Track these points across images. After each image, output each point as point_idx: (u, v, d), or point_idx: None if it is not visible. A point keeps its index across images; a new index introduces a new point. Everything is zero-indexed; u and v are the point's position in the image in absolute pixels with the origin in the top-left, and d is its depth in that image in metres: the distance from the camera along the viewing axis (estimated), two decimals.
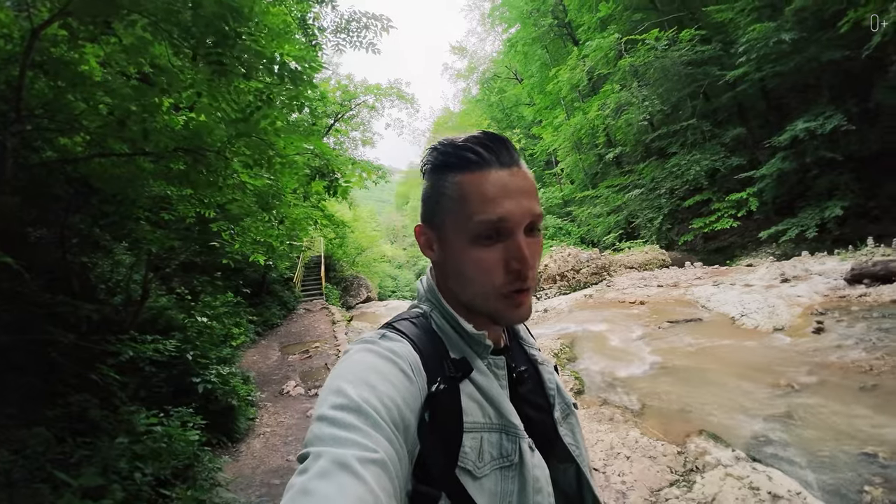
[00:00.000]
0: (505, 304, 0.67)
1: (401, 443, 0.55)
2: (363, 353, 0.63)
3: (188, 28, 2.23)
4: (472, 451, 0.63)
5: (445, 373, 0.66)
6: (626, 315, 8.54)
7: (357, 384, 0.56)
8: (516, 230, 0.65)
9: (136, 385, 4.28)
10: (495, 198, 0.64)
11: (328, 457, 0.47)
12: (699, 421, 4.02)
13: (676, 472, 3.17)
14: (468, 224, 0.65)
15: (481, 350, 0.72)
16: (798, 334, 5.73)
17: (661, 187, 15.68)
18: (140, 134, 2.43)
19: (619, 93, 16.77)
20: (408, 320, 0.73)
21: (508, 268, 0.65)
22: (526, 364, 0.82)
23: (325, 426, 0.51)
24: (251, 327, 9.99)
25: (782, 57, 11.53)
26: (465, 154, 0.67)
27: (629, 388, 5.17)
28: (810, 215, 11.26)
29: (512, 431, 0.68)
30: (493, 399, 0.69)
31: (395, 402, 0.56)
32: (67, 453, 2.60)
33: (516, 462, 0.66)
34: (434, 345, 0.69)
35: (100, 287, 5.21)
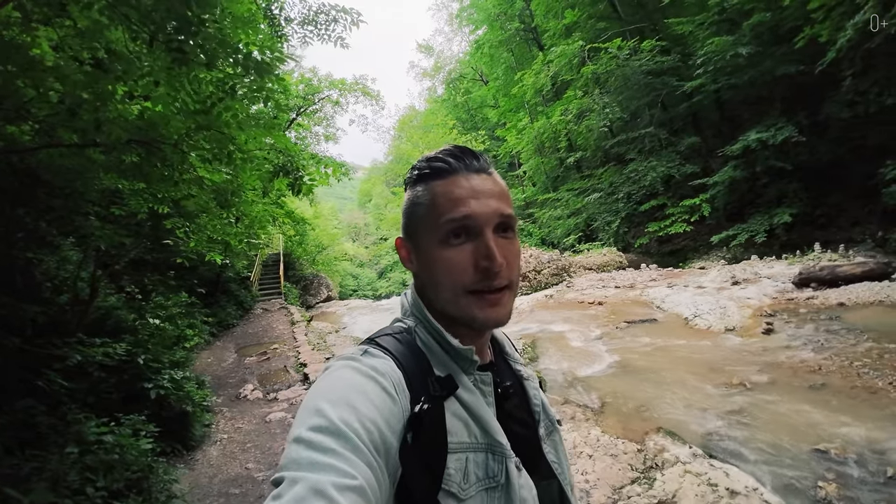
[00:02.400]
0: (476, 303, 0.66)
1: (381, 467, 0.53)
2: (344, 369, 0.61)
3: (148, 12, 2.10)
4: (457, 472, 0.61)
5: (430, 391, 0.64)
6: (586, 315, 8.75)
7: (337, 404, 0.54)
8: (484, 229, 0.66)
9: (84, 391, 4.03)
10: (462, 198, 0.66)
11: (305, 483, 0.45)
12: (657, 419, 4.16)
13: (637, 469, 3.26)
14: (437, 225, 0.67)
15: (467, 366, 0.71)
16: (749, 335, 6.03)
17: (619, 192, 16.23)
18: (92, 124, 2.26)
19: (582, 99, 17.22)
20: (391, 335, 0.71)
21: (477, 266, 0.65)
22: (511, 379, 0.81)
23: (303, 449, 0.49)
24: (206, 328, 9.61)
25: (738, 70, 12.10)
26: (435, 164, 0.70)
27: (589, 387, 5.29)
28: (760, 221, 11.88)
29: (498, 451, 0.66)
30: (480, 417, 0.67)
31: (376, 423, 0.55)
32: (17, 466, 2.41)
33: (503, 483, 0.65)
34: (418, 362, 0.68)
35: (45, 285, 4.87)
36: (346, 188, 56.74)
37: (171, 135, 2.60)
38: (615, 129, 17.14)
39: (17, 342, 2.96)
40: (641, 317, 7.79)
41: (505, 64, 24.42)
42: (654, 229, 14.45)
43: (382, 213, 36.16)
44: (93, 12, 2.12)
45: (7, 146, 2.69)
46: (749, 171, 12.29)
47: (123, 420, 3.73)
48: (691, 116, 15.41)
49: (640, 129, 15.59)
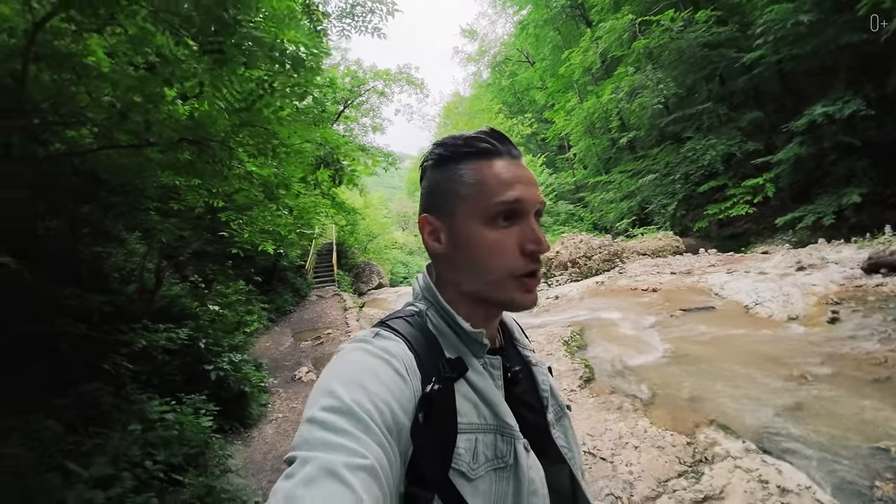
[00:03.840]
0: (518, 287, 0.69)
1: (393, 446, 0.54)
2: (357, 352, 0.63)
3: (188, 17, 2.21)
4: (467, 452, 0.62)
5: (440, 372, 0.65)
6: (638, 303, 8.46)
7: (349, 385, 0.55)
8: (529, 214, 0.69)
9: (149, 373, 4.35)
10: (512, 182, 0.68)
11: (316, 463, 0.46)
12: (710, 411, 3.97)
13: (685, 462, 3.14)
14: (485, 206, 0.68)
15: (477, 349, 0.72)
16: (812, 324, 5.62)
17: (676, 172, 15.40)
18: (143, 125, 2.42)
19: (633, 76, 16.41)
20: (402, 318, 0.72)
21: (524, 250, 0.67)
22: (520, 365, 0.82)
23: (315, 429, 0.50)
24: (264, 314, 10.10)
25: (799, 39, 11.18)
26: (479, 144, 0.71)
27: (639, 376, 5.13)
28: (827, 202, 11.00)
29: (507, 432, 0.67)
30: (489, 399, 0.68)
31: (388, 403, 0.56)
32: (79, 442, 2.66)
33: (511, 463, 0.65)
34: (429, 344, 0.69)
35: (113, 276, 5.28)
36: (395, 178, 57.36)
37: (219, 132, 2.73)
38: (671, 106, 16.21)
39: (83, 329, 3.22)
40: (698, 304, 7.43)
41: (551, 43, 23.66)
42: (713, 212, 13.63)
43: None
44: (137, 20, 2.25)
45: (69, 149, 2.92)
46: (815, 148, 11.36)
47: (185, 400, 4.01)
48: (752, 90, 14.32)
49: (697, 105, 14.65)
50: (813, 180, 11.92)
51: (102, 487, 2.26)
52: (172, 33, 2.34)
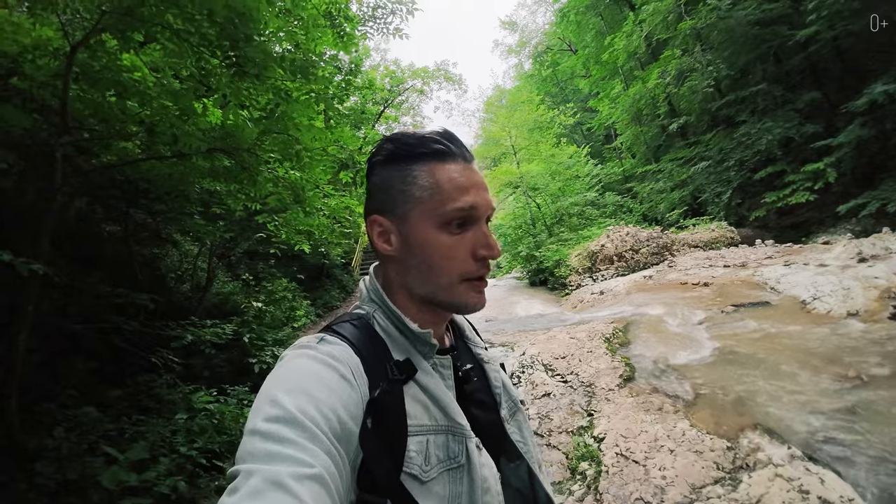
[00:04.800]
0: (469, 290, 0.69)
1: (341, 454, 0.53)
2: (301, 358, 0.61)
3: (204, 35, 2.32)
4: (418, 454, 0.62)
5: (388, 376, 0.65)
6: (688, 298, 8.08)
7: (293, 393, 0.54)
8: (482, 219, 0.70)
9: (199, 366, 4.63)
10: (467, 187, 0.68)
11: (260, 475, 0.45)
12: (755, 414, 3.75)
13: (723, 468, 2.99)
14: (441, 211, 0.67)
15: (426, 350, 0.71)
16: (872, 320, 5.18)
17: (730, 159, 14.47)
18: (170, 138, 2.58)
19: (681, 58, 15.56)
20: (348, 322, 0.71)
21: (476, 255, 0.68)
22: (471, 363, 0.82)
23: (258, 441, 0.49)
24: (311, 310, 10.46)
25: (854, 14, 10.32)
26: (433, 145, 0.69)
27: (683, 376, 4.91)
28: (892, 187, 10.07)
29: (458, 432, 0.67)
30: (439, 399, 0.68)
31: (334, 410, 0.55)
32: (122, 430, 2.87)
33: (464, 463, 0.66)
34: (376, 347, 0.68)
35: (169, 276, 5.65)
36: None
37: (246, 140, 2.86)
38: (723, 89, 15.20)
39: (135, 326, 3.47)
40: (752, 299, 7.01)
41: (594, 29, 22.79)
42: (771, 200, 12.72)
43: None
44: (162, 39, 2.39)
45: (120, 159, 3.14)
46: (878, 130, 10.44)
47: (230, 391, 4.25)
48: (809, 69, 13.23)
49: (751, 86, 13.61)
50: (877, 164, 10.96)
51: (137, 471, 2.44)
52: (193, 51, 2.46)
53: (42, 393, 2.94)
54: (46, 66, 2.55)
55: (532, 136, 20.38)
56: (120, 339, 3.70)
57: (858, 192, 10.82)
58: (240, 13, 2.18)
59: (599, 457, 3.51)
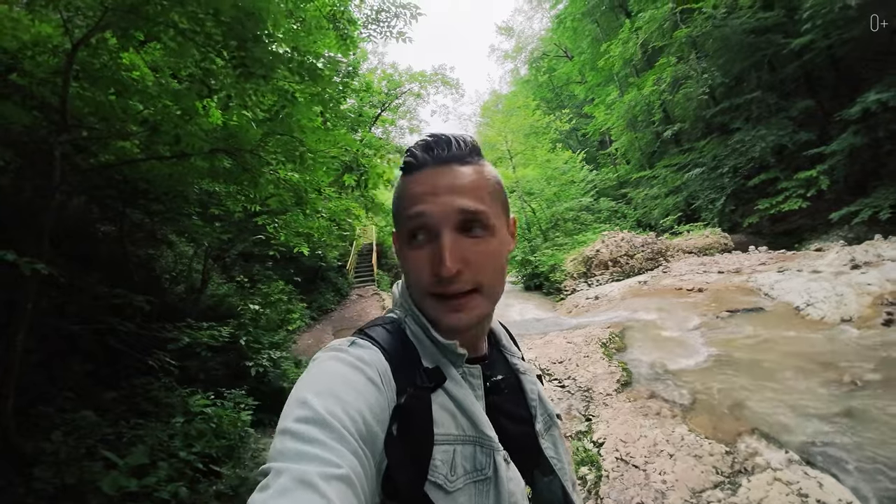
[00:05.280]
0: (438, 307, 0.65)
1: (368, 456, 0.54)
2: (331, 361, 0.61)
3: (209, 34, 2.31)
4: (444, 464, 0.61)
5: (416, 382, 0.64)
6: (683, 303, 8.13)
7: (323, 395, 0.54)
8: (441, 227, 0.63)
9: (195, 369, 4.57)
10: (419, 195, 0.64)
11: (290, 474, 0.46)
12: (753, 418, 3.78)
13: (722, 473, 3.00)
14: (401, 225, 0.67)
15: (455, 359, 0.69)
16: (866, 326, 5.25)
17: (724, 166, 14.62)
18: (173, 138, 2.56)
19: (676, 66, 15.72)
20: (381, 326, 0.71)
21: (433, 269, 0.63)
22: (506, 373, 0.79)
23: (289, 440, 0.50)
24: (306, 312, 10.39)
25: (849, 23, 10.46)
26: (406, 159, 0.69)
27: (680, 380, 4.94)
28: (884, 195, 10.21)
29: (486, 444, 0.65)
30: (467, 410, 0.66)
31: (361, 413, 0.55)
32: (120, 434, 2.83)
33: (490, 476, 0.64)
34: (406, 352, 0.67)
35: (164, 277, 5.59)
36: None
37: (249, 142, 2.84)
38: (717, 96, 15.37)
39: (131, 327, 3.43)
40: (746, 305, 7.06)
41: (590, 36, 22.98)
42: (765, 207, 12.85)
43: None
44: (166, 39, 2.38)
45: (117, 159, 3.11)
46: (870, 138, 10.60)
47: (227, 394, 4.20)
48: (803, 77, 13.41)
49: (746, 94, 13.82)
50: (869, 172, 11.11)
51: (137, 476, 2.41)
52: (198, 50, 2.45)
53: (38, 395, 2.89)
54: (46, 63, 2.53)
55: (528, 141, 20.53)
56: (115, 340, 3.66)
57: (851, 200, 10.94)
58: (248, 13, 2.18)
59: (599, 461, 3.52)
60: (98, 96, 2.57)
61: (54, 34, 2.66)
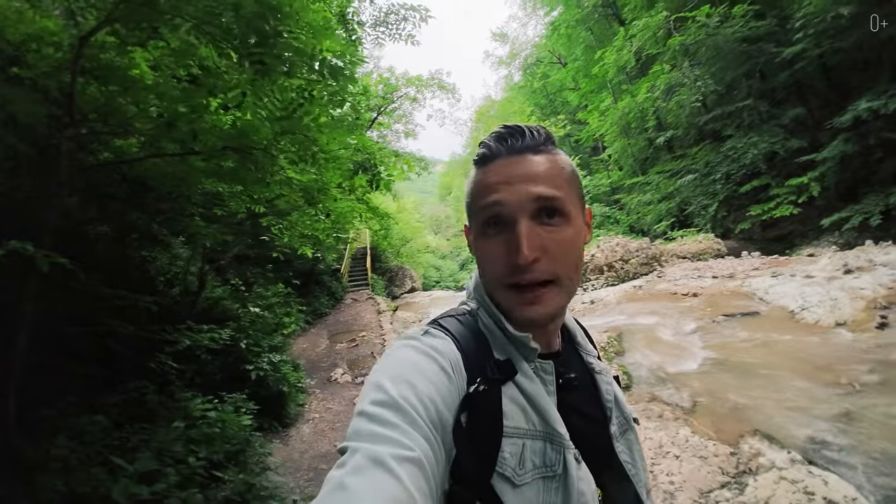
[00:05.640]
0: (513, 298, 0.65)
1: (439, 442, 0.55)
2: (405, 349, 0.63)
3: (229, 29, 2.29)
4: (513, 457, 0.61)
5: (487, 374, 0.64)
6: (678, 308, 8.18)
7: (397, 381, 0.56)
8: (517, 216, 0.63)
9: (192, 372, 4.50)
10: (493, 184, 0.65)
11: (364, 453, 0.48)
12: (754, 420, 3.82)
13: (728, 473, 3.02)
14: (475, 215, 0.68)
15: (527, 353, 0.69)
16: (861, 329, 5.34)
17: (716, 172, 14.81)
18: (189, 135, 2.54)
19: (670, 73, 15.94)
20: (454, 317, 0.72)
21: (510, 258, 0.62)
22: (580, 371, 0.78)
23: (365, 422, 0.52)
24: (301, 316, 10.30)
25: (841, 32, 10.68)
26: (480, 150, 0.69)
27: (680, 384, 4.97)
28: (874, 201, 10.40)
29: (557, 440, 0.65)
30: (538, 405, 0.65)
31: (433, 400, 0.56)
32: (125, 439, 2.77)
33: (560, 473, 0.63)
34: (478, 344, 0.68)
35: (158, 279, 5.50)
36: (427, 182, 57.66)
37: (261, 140, 2.82)
38: (709, 104, 15.57)
39: (132, 329, 3.37)
40: (741, 309, 7.13)
41: (584, 43, 23.20)
42: (757, 213, 13.02)
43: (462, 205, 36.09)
44: (180, 33, 2.36)
45: (116, 157, 3.07)
46: (861, 145, 10.80)
47: (227, 398, 4.14)
48: (794, 85, 13.67)
49: (738, 101, 14.02)
50: (860, 179, 11.31)
51: (147, 482, 2.35)
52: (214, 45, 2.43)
53: (36, 397, 2.82)
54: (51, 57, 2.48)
55: None
56: (114, 342, 3.59)
57: (842, 206, 11.13)
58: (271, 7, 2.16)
59: None
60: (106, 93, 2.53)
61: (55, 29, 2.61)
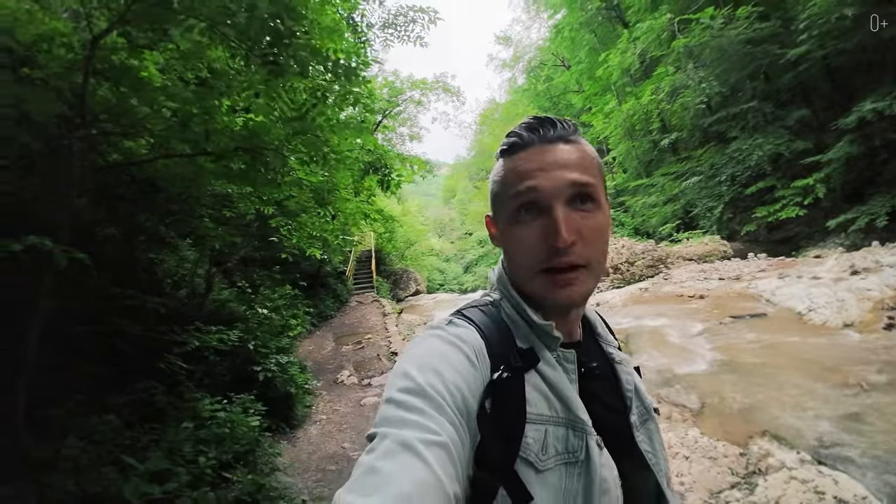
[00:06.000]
0: (546, 282, 0.65)
1: (464, 427, 0.56)
2: (431, 338, 0.65)
3: (243, 30, 2.32)
4: (536, 442, 0.62)
5: (510, 362, 0.65)
6: (685, 309, 8.16)
7: (423, 369, 0.58)
8: (553, 202, 0.64)
9: (201, 373, 4.51)
10: (528, 171, 0.66)
11: (393, 438, 0.50)
12: (762, 421, 3.80)
13: (738, 474, 3.01)
14: (507, 201, 0.68)
15: (550, 341, 0.70)
16: (868, 330, 5.31)
17: (722, 174, 14.75)
18: (202, 135, 2.56)
19: (674, 75, 15.91)
20: (477, 308, 0.74)
21: (546, 243, 0.64)
22: (601, 361, 0.79)
23: (392, 408, 0.54)
24: (307, 318, 10.29)
25: (845, 33, 10.64)
26: (510, 140, 0.70)
27: (688, 385, 4.95)
28: (880, 203, 10.33)
29: (579, 427, 0.66)
30: (561, 392, 0.67)
31: (458, 387, 0.58)
32: (135, 438, 2.78)
33: (582, 459, 0.64)
34: (501, 333, 0.69)
35: (166, 281, 5.53)
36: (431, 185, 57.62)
37: (273, 141, 2.84)
38: (714, 106, 15.52)
39: (140, 329, 3.39)
40: (748, 311, 7.10)
41: (587, 46, 23.20)
42: (762, 214, 12.97)
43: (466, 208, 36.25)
44: (194, 34, 2.38)
45: (126, 159, 3.09)
46: (866, 146, 10.76)
47: (235, 399, 4.15)
48: (799, 87, 13.63)
49: (742, 103, 13.98)
50: (865, 180, 11.25)
51: (158, 482, 2.36)
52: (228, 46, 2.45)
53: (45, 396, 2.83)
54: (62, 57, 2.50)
55: None
56: (123, 342, 3.61)
57: (848, 207, 11.05)
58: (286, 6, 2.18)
59: None
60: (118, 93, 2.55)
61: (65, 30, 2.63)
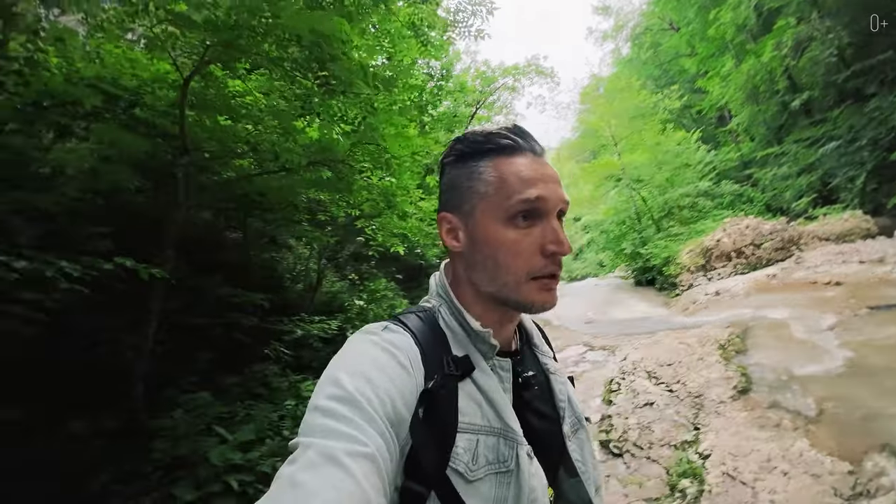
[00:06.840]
0: (536, 288, 0.67)
1: (393, 437, 0.55)
2: (364, 343, 0.64)
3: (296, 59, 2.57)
4: (466, 452, 0.62)
5: (444, 370, 0.65)
6: (816, 299, 7.16)
7: (354, 375, 0.57)
8: (551, 213, 0.67)
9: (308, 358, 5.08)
10: (533, 179, 0.67)
11: (317, 448, 0.48)
12: (885, 433, 3.24)
13: (841, 495, 2.65)
14: (506, 205, 0.67)
15: (486, 349, 0.71)
16: None
17: (862, 137, 12.21)
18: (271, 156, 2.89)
19: (797, 27, 13.62)
20: (414, 314, 0.73)
21: (545, 251, 0.66)
22: (536, 371, 0.79)
23: (318, 416, 0.53)
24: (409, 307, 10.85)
25: None
26: (500, 140, 0.70)
27: (806, 388, 4.38)
28: None
29: (510, 437, 0.66)
30: (494, 401, 0.67)
31: (390, 395, 0.57)
32: (234, 413, 3.25)
33: (513, 468, 0.65)
34: (437, 340, 0.69)
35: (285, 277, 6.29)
36: None
37: (340, 153, 3.10)
38: (847, 58, 12.96)
39: (255, 321, 3.90)
40: (891, 301, 6.05)
41: (696, 4, 20.47)
42: None
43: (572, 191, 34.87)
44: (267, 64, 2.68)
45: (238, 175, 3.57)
46: None
47: None
48: None
49: (878, 54, 11.47)
50: None
51: (243, 450, 2.74)
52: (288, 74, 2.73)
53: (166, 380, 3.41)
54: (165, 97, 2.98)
55: (633, 123, 19.01)
56: (240, 332, 4.19)
57: None
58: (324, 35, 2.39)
59: (703, 475, 3.27)
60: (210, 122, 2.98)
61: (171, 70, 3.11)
